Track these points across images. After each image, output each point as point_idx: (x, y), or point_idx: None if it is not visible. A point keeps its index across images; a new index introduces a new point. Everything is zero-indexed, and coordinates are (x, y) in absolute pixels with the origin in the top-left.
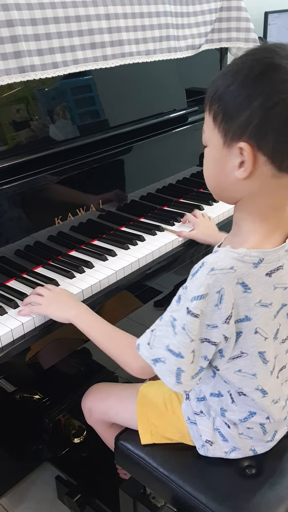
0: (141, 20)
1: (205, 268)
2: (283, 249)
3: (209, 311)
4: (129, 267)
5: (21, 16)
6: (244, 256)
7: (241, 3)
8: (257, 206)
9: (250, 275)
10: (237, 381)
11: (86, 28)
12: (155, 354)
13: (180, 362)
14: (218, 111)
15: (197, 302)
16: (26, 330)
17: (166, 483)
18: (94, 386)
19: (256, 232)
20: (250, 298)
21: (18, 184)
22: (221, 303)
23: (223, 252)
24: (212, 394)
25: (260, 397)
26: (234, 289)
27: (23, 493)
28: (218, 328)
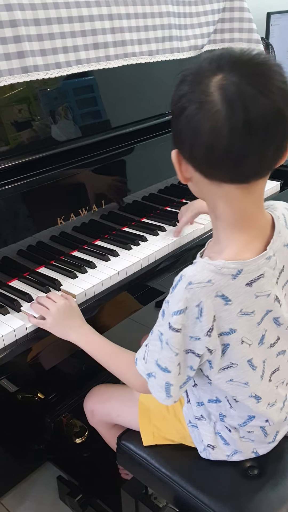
0: (144, 21)
1: (183, 282)
2: (264, 257)
3: (191, 324)
4: (131, 267)
5: (24, 16)
6: (222, 268)
7: (244, 4)
8: (222, 213)
9: (230, 287)
10: (230, 389)
11: (89, 29)
12: (148, 369)
13: (168, 376)
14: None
15: (177, 317)
16: (29, 330)
17: (168, 484)
18: (95, 388)
19: (234, 240)
20: (231, 310)
21: (20, 184)
22: (202, 316)
23: (201, 264)
24: (210, 400)
25: (255, 403)
26: (214, 301)
27: (25, 493)
28: (200, 340)
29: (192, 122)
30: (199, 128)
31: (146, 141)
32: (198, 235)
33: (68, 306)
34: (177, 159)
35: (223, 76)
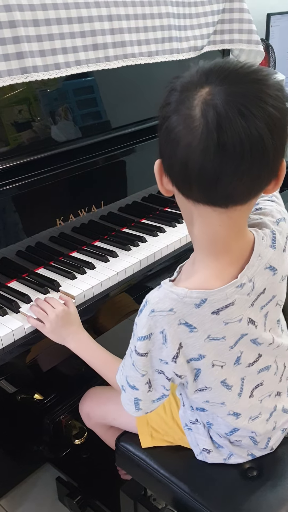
0: (143, 22)
1: (147, 309)
2: (233, 285)
3: (157, 349)
4: (130, 268)
5: (24, 17)
6: (184, 298)
7: (244, 5)
8: (197, 233)
9: (193, 315)
10: (208, 408)
11: (88, 29)
12: (121, 381)
13: (136, 393)
14: None
15: (142, 342)
16: (28, 331)
17: (167, 485)
18: (90, 390)
19: (206, 267)
20: (197, 336)
21: (20, 185)
22: (166, 342)
23: (163, 291)
24: (198, 409)
25: (234, 419)
26: (178, 329)
27: (24, 494)
28: (168, 365)
29: (171, 134)
30: (177, 142)
31: (145, 142)
32: None
33: (67, 312)
34: (159, 169)
35: (209, 91)
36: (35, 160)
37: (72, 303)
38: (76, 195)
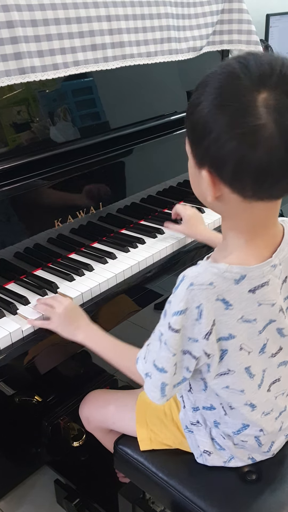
0: (142, 22)
1: (185, 282)
2: (269, 264)
3: (190, 325)
4: (129, 270)
5: (22, 17)
6: (225, 272)
7: (243, 5)
8: (237, 224)
9: (231, 291)
10: (225, 396)
11: (87, 30)
12: (147, 369)
13: (164, 376)
14: (188, 129)
15: (177, 317)
16: (25, 333)
17: (165, 489)
18: (90, 394)
19: (242, 247)
20: (232, 315)
21: (18, 186)
22: (201, 318)
23: (204, 266)
24: (204, 407)
25: (249, 411)
26: (214, 305)
27: (22, 497)
28: (198, 343)
29: (240, 147)
30: (250, 153)
31: (144, 143)
32: None
33: (74, 306)
34: (211, 180)
35: (268, 95)
36: (34, 161)
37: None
38: (74, 197)
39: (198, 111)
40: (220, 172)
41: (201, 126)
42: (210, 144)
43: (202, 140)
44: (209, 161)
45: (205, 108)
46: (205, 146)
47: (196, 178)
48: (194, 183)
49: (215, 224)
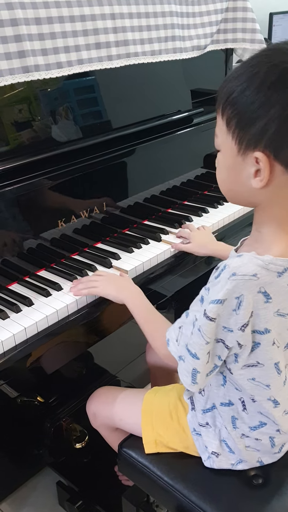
0: (146, 20)
1: (227, 272)
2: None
3: (226, 315)
4: (133, 270)
5: (26, 15)
6: (269, 264)
7: (247, 4)
8: (277, 213)
9: (273, 284)
10: (249, 388)
11: (91, 28)
12: (180, 351)
13: (196, 363)
14: (232, 117)
15: (214, 306)
16: (29, 335)
17: (170, 492)
18: (98, 390)
19: (280, 239)
20: (270, 308)
21: (21, 186)
22: (239, 309)
23: (248, 257)
24: (222, 404)
25: (272, 407)
26: (255, 297)
27: (24, 499)
28: (233, 333)
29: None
30: None
31: (148, 142)
32: None
33: (114, 274)
34: (268, 162)
35: None
36: (36, 161)
37: (126, 275)
38: (77, 197)
39: (249, 91)
40: (278, 151)
41: (257, 104)
42: (269, 122)
43: (257, 120)
44: (267, 139)
45: (262, 87)
46: (262, 125)
47: (233, 168)
48: (230, 174)
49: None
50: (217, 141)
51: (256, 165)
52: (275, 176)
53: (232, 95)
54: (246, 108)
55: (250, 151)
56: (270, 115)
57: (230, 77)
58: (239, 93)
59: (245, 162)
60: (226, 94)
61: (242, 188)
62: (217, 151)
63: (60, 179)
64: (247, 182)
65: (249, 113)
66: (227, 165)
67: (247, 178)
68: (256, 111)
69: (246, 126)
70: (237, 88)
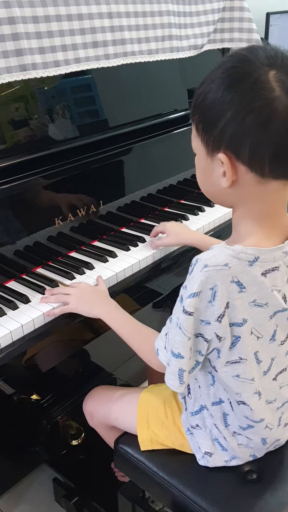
0: (143, 19)
1: (199, 264)
2: (281, 250)
3: (203, 307)
4: (129, 268)
5: (23, 13)
6: (240, 253)
7: (244, 4)
8: (251, 211)
9: (245, 273)
10: (235, 386)
11: (88, 27)
12: (167, 358)
13: (181, 362)
14: (199, 121)
15: (191, 300)
16: (26, 332)
17: (166, 488)
18: (95, 389)
19: (256, 233)
20: (245, 298)
21: (18, 184)
22: (214, 300)
23: (218, 248)
24: (213, 403)
25: (257, 400)
26: (229, 287)
27: (20, 495)
28: (210, 325)
29: (258, 120)
30: (268, 126)
31: (145, 141)
32: None
33: (90, 285)
34: (229, 162)
35: (277, 72)
36: (33, 159)
37: (102, 281)
38: (74, 195)
39: (210, 96)
40: (238, 151)
41: (216, 108)
42: (226, 124)
43: (217, 123)
44: (226, 141)
45: (218, 91)
46: (220, 128)
47: (206, 170)
48: (205, 176)
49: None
50: (192, 145)
51: (222, 166)
52: (240, 176)
53: (198, 100)
54: (207, 111)
55: (216, 153)
56: (227, 118)
57: (200, 82)
58: (203, 97)
59: (213, 163)
60: (195, 99)
61: (216, 189)
62: (194, 154)
63: (57, 177)
64: (218, 182)
65: (210, 116)
66: (201, 167)
67: (217, 179)
68: (215, 114)
69: (209, 129)
70: (201, 93)
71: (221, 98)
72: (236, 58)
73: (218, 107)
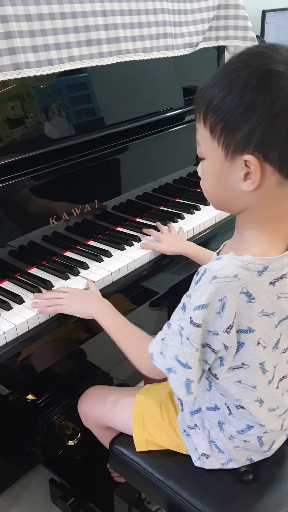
0: (138, 17)
1: (208, 275)
2: (287, 257)
3: (211, 319)
4: (124, 268)
5: (16, 12)
6: (249, 264)
7: (239, 1)
8: (262, 215)
9: (254, 284)
10: (236, 392)
11: (82, 25)
12: (168, 364)
13: (188, 372)
14: (216, 123)
15: (199, 311)
16: (20, 333)
17: (161, 489)
18: (90, 390)
19: (260, 240)
20: (254, 308)
21: (12, 183)
22: (223, 311)
23: (227, 259)
24: (208, 408)
25: (258, 407)
26: (238, 298)
27: (16, 496)
28: (218, 336)
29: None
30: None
31: (140, 140)
32: (193, 235)
33: (81, 289)
34: (257, 164)
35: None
36: (28, 157)
37: (93, 284)
38: (69, 194)
39: (232, 98)
40: (268, 151)
41: (241, 110)
42: (256, 124)
43: (243, 125)
44: (256, 142)
45: (245, 91)
46: (249, 128)
47: (221, 174)
48: (218, 180)
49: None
50: (200, 149)
51: (245, 168)
52: (266, 177)
53: (214, 102)
54: (230, 113)
55: (239, 155)
56: (256, 118)
57: (207, 85)
58: (220, 99)
59: (233, 166)
60: (206, 101)
61: (231, 193)
62: (201, 159)
63: (51, 176)
64: (236, 186)
65: (234, 118)
66: (214, 172)
67: (236, 183)
68: (241, 116)
69: (232, 131)
70: (217, 94)
71: (250, 97)
72: (260, 55)
73: (245, 108)
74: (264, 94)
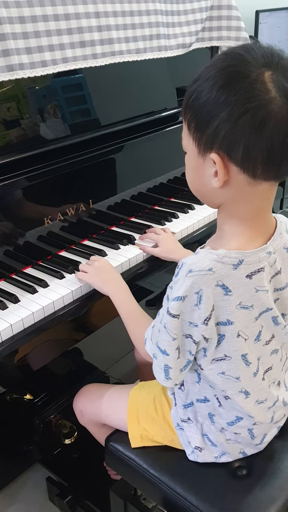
0: (131, 19)
1: (184, 269)
2: (264, 251)
3: (189, 311)
4: (119, 267)
5: (9, 14)
6: (224, 257)
7: (232, 2)
8: (239, 211)
9: (230, 277)
10: (221, 383)
11: (75, 26)
12: (153, 349)
13: (166, 359)
14: (191, 120)
15: (175, 303)
16: (15, 331)
17: (156, 485)
18: (85, 387)
19: (240, 234)
20: (231, 300)
21: (7, 183)
22: (200, 303)
23: (202, 253)
24: (198, 400)
25: (243, 398)
26: (214, 291)
27: (14, 494)
28: (197, 327)
29: (252, 121)
30: (263, 128)
31: (134, 140)
32: (187, 234)
33: (108, 263)
34: (222, 162)
35: (273, 72)
36: (23, 158)
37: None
38: (64, 194)
39: (203, 94)
40: (231, 151)
41: (209, 107)
42: (220, 124)
43: (210, 122)
44: (220, 141)
45: (213, 90)
46: (214, 127)
47: (197, 169)
48: (195, 175)
49: (205, 221)
50: (183, 143)
51: (214, 166)
52: (232, 176)
53: (191, 98)
54: (200, 111)
55: (208, 153)
56: (221, 117)
57: (191, 82)
58: (195, 96)
59: (205, 163)
60: (186, 98)
61: (206, 188)
62: (184, 153)
63: (47, 177)
64: (209, 182)
65: (203, 116)
66: (192, 167)
67: (208, 179)
68: (208, 113)
69: (202, 128)
70: (194, 91)
71: (215, 97)
72: (232, 56)
73: (212, 106)
74: (228, 95)
